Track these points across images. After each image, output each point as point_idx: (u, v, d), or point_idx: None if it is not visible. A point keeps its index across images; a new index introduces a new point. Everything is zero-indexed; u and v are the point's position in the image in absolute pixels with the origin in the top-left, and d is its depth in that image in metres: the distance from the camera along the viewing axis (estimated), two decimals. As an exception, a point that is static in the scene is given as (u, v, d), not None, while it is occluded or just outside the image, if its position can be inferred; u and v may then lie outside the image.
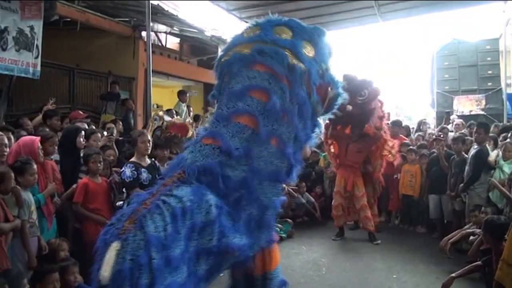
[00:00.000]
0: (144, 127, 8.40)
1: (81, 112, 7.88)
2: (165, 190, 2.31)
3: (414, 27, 45.16)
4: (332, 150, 7.87)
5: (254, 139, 2.50)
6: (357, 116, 6.71)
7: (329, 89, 2.92)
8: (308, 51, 2.76)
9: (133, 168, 4.99)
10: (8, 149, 4.21)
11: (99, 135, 6.07)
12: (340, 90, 2.98)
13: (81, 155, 5.18)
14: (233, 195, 2.45)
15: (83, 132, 5.31)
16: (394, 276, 5.98)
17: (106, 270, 2.05)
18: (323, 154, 9.32)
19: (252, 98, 2.54)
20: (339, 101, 3.02)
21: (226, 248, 2.34)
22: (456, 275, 4.88)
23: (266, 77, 2.59)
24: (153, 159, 5.49)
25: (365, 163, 7.68)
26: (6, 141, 4.18)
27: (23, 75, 6.70)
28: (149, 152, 5.32)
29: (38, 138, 4.49)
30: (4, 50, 6.31)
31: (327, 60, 2.89)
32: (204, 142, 2.51)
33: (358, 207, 7.52)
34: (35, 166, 4.12)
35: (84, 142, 5.29)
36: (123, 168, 5.04)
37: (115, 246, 2.08)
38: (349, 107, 6.28)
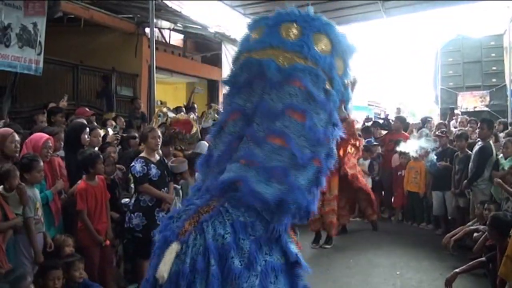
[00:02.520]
0: (148, 123, 8.42)
1: (87, 109, 7.91)
2: (231, 197, 2.26)
3: (418, 23, 44.97)
4: None
5: (292, 160, 2.35)
6: None
7: (342, 106, 2.82)
8: (339, 68, 2.63)
9: (143, 164, 5.02)
10: (18, 146, 4.23)
11: (99, 131, 6.08)
12: (349, 108, 2.92)
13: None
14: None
15: (87, 129, 5.32)
16: (398, 272, 5.98)
17: (164, 271, 2.07)
18: None
19: (291, 119, 2.38)
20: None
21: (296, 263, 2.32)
22: (460, 271, 4.87)
23: (306, 97, 2.43)
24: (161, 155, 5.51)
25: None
26: (17, 137, 4.20)
27: (25, 71, 6.71)
28: (159, 147, 5.34)
29: (46, 137, 4.49)
30: (7, 46, 6.32)
31: (349, 74, 2.75)
32: (242, 163, 2.36)
33: (325, 210, 6.95)
34: (41, 163, 4.13)
35: (88, 139, 5.30)
36: (133, 163, 5.06)
37: (175, 247, 2.11)
38: None
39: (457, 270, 4.87)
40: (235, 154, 2.39)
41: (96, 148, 5.51)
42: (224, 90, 13.25)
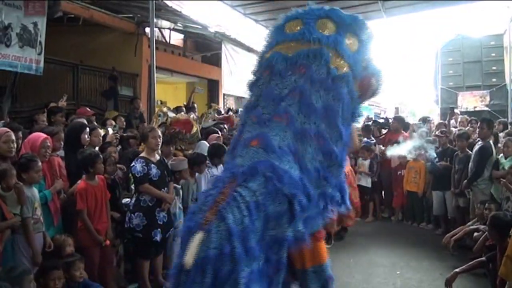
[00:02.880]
0: (148, 123, 8.43)
1: (88, 109, 7.92)
2: (240, 181, 2.44)
3: (418, 23, 44.95)
4: None
5: (296, 136, 2.57)
6: None
7: (372, 80, 2.92)
8: (352, 44, 2.78)
9: (144, 163, 5.02)
10: (15, 145, 4.21)
11: (100, 131, 6.08)
12: (382, 79, 2.98)
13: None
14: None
15: (87, 129, 5.31)
16: (398, 272, 5.99)
17: (189, 257, 2.23)
18: None
19: (294, 98, 2.60)
20: (380, 89, 3.02)
21: (300, 237, 2.46)
22: (460, 271, 4.88)
23: (309, 80, 2.62)
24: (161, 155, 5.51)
25: None
26: (13, 137, 4.19)
27: (26, 71, 6.71)
28: (159, 147, 5.35)
29: (44, 136, 4.48)
30: (7, 46, 6.31)
31: (369, 51, 2.90)
32: (252, 144, 2.61)
33: None
34: (40, 163, 4.12)
35: (88, 139, 5.30)
36: (133, 163, 5.06)
37: (199, 236, 2.26)
38: None
39: (457, 270, 4.87)
40: (243, 137, 2.64)
41: (97, 148, 5.50)
42: (223, 90, 13.28)
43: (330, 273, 3.10)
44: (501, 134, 8.15)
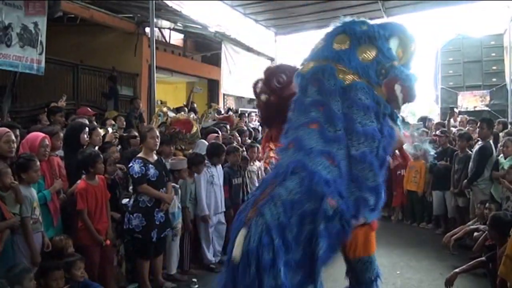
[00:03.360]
0: (148, 123, 8.43)
1: (89, 109, 7.93)
2: (279, 181, 2.76)
3: (419, 22, 44.90)
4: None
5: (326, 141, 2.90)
6: (276, 105, 5.23)
7: (396, 84, 3.03)
8: (367, 54, 3.04)
9: (142, 164, 5.01)
10: (15, 145, 4.21)
11: (100, 130, 6.08)
12: (412, 82, 3.09)
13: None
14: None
15: (87, 129, 5.30)
16: (398, 272, 5.99)
17: (237, 252, 2.60)
18: None
19: (318, 111, 2.97)
20: (414, 92, 3.15)
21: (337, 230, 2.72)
22: (460, 271, 4.88)
23: (324, 92, 3.02)
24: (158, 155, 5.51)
25: None
26: (13, 137, 4.19)
27: (27, 71, 6.71)
28: (157, 147, 5.35)
29: (42, 135, 4.48)
30: (8, 46, 6.31)
31: (392, 55, 3.07)
32: (289, 147, 2.98)
33: None
34: (38, 163, 4.11)
35: (88, 139, 5.30)
36: (131, 164, 5.06)
37: (242, 232, 2.63)
38: (263, 97, 5.15)
39: (457, 270, 4.88)
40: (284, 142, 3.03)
41: (97, 148, 5.50)
42: (222, 89, 13.26)
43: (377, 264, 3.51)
44: (501, 134, 8.15)
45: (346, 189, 2.83)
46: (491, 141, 6.97)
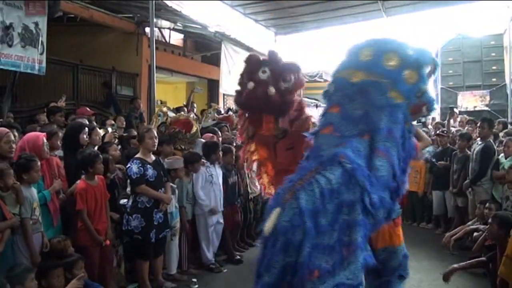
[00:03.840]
0: (148, 123, 8.42)
1: (88, 109, 7.92)
2: (320, 169, 2.94)
3: (418, 22, 44.86)
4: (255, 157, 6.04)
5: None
6: (277, 105, 5.17)
7: (424, 107, 3.41)
8: (411, 77, 3.30)
9: (140, 165, 5.00)
10: (14, 145, 4.22)
11: (99, 130, 6.08)
12: (434, 107, 3.48)
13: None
14: None
15: (86, 129, 5.30)
16: (398, 272, 5.98)
17: (268, 227, 2.83)
18: None
19: (367, 120, 3.14)
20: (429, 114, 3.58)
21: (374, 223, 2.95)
22: (459, 267, 4.87)
23: (372, 106, 3.17)
24: (157, 155, 5.51)
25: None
26: (12, 137, 4.19)
27: (29, 71, 6.71)
28: (155, 148, 5.34)
29: (42, 134, 4.48)
30: (10, 46, 6.31)
31: (426, 81, 3.38)
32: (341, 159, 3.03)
33: None
34: (39, 163, 4.12)
35: (87, 139, 5.29)
36: (129, 164, 5.05)
37: (277, 210, 2.84)
38: (272, 90, 4.97)
39: (455, 265, 4.87)
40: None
41: (96, 148, 5.50)
42: (221, 89, 13.23)
43: (406, 252, 3.80)
44: (500, 134, 8.16)
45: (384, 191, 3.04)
46: (492, 141, 6.97)
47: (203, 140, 6.77)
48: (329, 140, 3.24)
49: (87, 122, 6.21)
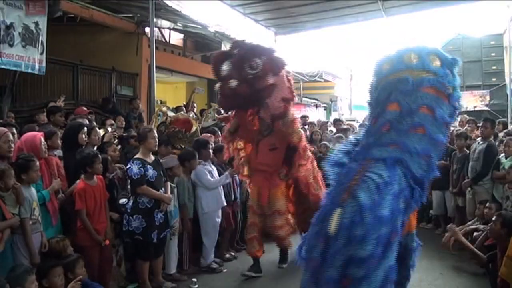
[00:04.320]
0: (148, 123, 8.42)
1: (84, 108, 7.91)
2: (368, 168, 3.15)
3: (418, 22, 44.94)
4: (243, 152, 6.10)
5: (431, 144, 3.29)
6: (247, 96, 4.99)
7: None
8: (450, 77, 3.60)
9: (140, 165, 4.99)
10: (13, 145, 4.22)
11: (98, 130, 6.07)
12: (461, 104, 3.67)
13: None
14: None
15: (85, 129, 5.30)
16: (398, 272, 5.97)
17: (333, 226, 2.97)
18: None
19: (424, 113, 3.31)
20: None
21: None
22: (462, 241, 5.02)
23: (434, 98, 3.35)
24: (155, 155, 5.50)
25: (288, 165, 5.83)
26: (11, 137, 4.19)
27: (29, 71, 6.71)
28: (156, 148, 5.34)
29: (40, 134, 4.48)
30: (11, 46, 6.30)
31: (458, 79, 3.60)
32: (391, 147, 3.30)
33: (268, 226, 5.79)
34: (38, 163, 4.12)
35: (86, 139, 5.29)
36: (129, 165, 5.04)
37: (338, 211, 2.98)
38: (233, 83, 4.78)
39: (461, 238, 5.04)
40: (380, 141, 3.31)
41: (96, 148, 5.50)
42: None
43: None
44: (500, 134, 8.16)
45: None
46: (493, 141, 6.98)
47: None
48: (386, 138, 3.39)
49: (87, 122, 6.21)
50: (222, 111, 6.82)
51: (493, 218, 4.90)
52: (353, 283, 3.11)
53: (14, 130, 4.77)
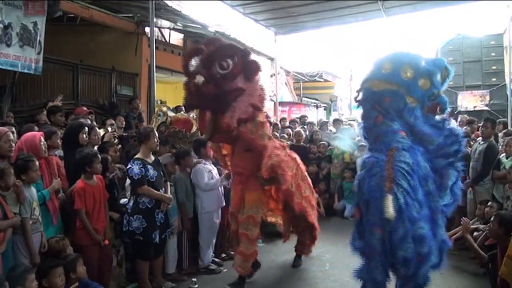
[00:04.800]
0: (148, 123, 8.42)
1: (84, 108, 7.91)
2: (397, 157, 3.92)
3: (418, 22, 44.93)
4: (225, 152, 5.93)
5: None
6: (211, 97, 4.67)
7: (438, 107, 4.25)
8: (424, 84, 4.14)
9: (141, 165, 4.98)
10: (14, 144, 4.22)
11: (98, 130, 6.07)
12: (446, 107, 4.30)
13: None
14: None
15: (86, 128, 5.29)
16: (398, 272, 5.97)
17: (389, 211, 3.68)
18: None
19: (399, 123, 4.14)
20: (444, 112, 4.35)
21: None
22: (468, 239, 5.12)
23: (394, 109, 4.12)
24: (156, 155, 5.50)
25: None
26: (12, 136, 4.20)
27: (26, 71, 6.70)
28: (158, 148, 5.34)
29: (40, 134, 4.48)
30: (8, 46, 6.30)
31: (439, 86, 4.21)
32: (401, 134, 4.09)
33: (240, 232, 5.28)
34: (37, 163, 4.12)
35: (87, 138, 5.29)
36: (129, 165, 5.03)
37: (389, 198, 3.72)
38: (200, 79, 4.50)
39: (469, 236, 5.16)
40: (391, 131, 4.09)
41: (96, 147, 5.50)
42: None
43: None
44: (500, 134, 8.15)
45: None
46: (493, 141, 6.97)
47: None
48: (392, 136, 4.07)
49: (88, 122, 6.20)
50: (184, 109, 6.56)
51: (491, 218, 4.90)
52: (423, 259, 3.79)
53: (13, 129, 4.77)
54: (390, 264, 3.96)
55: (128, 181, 5.33)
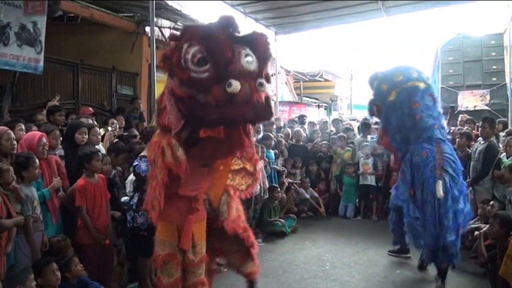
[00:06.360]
0: (148, 122, 8.41)
1: (90, 109, 7.91)
2: (443, 148, 5.27)
3: (419, 22, 44.92)
4: None
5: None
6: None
7: None
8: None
9: (148, 162, 4.99)
10: (15, 143, 4.24)
11: (98, 129, 6.06)
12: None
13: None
14: None
15: (84, 128, 5.30)
16: (398, 271, 6.00)
17: (440, 193, 5.02)
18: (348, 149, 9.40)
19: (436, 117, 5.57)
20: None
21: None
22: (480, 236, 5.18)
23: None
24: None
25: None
26: (13, 135, 4.21)
27: (25, 70, 6.69)
28: None
29: (40, 134, 4.50)
30: (5, 45, 6.28)
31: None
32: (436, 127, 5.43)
33: (189, 283, 3.74)
34: (37, 160, 4.14)
35: (84, 138, 5.29)
36: (136, 162, 5.03)
37: (440, 182, 5.04)
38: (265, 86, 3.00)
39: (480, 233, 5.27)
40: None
41: (96, 146, 5.50)
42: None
43: None
44: (501, 134, 8.15)
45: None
46: (494, 140, 6.97)
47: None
48: (433, 129, 5.36)
49: (90, 122, 6.20)
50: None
51: (490, 220, 4.91)
52: (460, 226, 5.15)
53: (22, 126, 4.80)
54: (436, 234, 5.10)
55: (129, 178, 5.34)
